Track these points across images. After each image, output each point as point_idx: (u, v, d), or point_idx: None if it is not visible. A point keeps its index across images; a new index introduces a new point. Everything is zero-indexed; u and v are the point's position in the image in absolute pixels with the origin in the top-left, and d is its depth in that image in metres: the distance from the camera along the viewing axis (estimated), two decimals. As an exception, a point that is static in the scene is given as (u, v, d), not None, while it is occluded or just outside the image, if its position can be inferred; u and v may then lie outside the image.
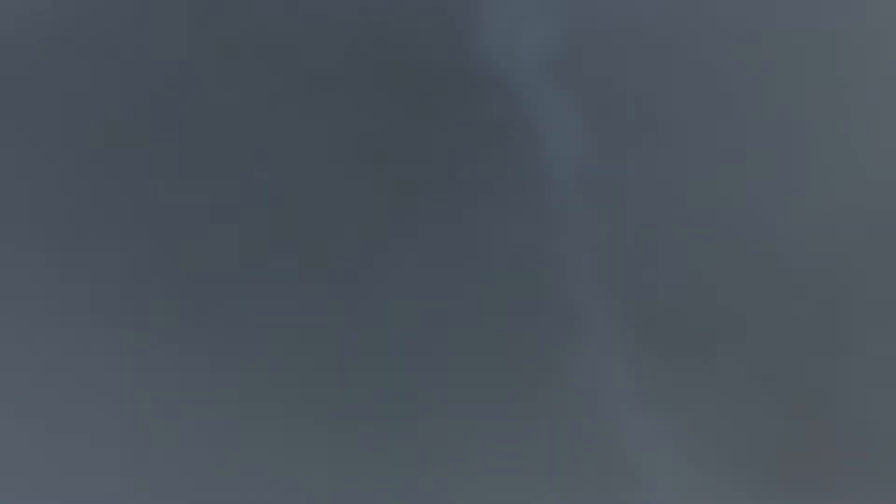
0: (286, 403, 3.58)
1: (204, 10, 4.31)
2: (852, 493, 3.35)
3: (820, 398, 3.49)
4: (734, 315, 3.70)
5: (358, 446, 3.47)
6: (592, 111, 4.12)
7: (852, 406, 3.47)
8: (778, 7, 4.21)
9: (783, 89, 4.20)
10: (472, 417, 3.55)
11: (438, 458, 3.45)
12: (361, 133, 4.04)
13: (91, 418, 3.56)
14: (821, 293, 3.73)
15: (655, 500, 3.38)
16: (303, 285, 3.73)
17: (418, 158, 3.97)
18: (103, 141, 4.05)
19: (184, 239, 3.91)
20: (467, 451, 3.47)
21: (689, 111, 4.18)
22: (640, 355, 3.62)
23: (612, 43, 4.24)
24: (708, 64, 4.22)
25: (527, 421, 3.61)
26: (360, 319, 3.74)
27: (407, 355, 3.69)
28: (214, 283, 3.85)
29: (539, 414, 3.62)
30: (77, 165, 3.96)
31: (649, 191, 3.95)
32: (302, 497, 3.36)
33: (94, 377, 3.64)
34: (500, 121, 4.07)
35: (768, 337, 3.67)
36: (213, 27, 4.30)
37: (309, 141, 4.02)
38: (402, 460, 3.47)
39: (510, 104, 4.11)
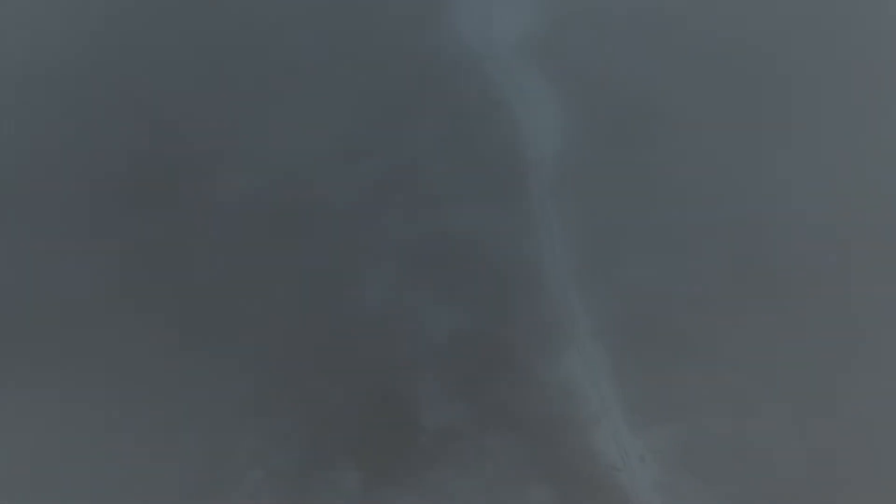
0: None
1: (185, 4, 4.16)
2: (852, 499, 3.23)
3: (818, 402, 3.36)
4: (719, 317, 3.56)
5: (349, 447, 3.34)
6: (571, 97, 3.97)
7: (853, 410, 3.35)
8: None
9: (776, 79, 4.04)
10: (452, 423, 3.42)
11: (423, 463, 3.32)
12: (336, 127, 3.89)
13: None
14: (813, 295, 3.61)
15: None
16: (286, 287, 3.60)
17: (393, 151, 3.81)
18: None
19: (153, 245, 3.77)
20: (449, 458, 3.35)
21: (676, 96, 4.03)
22: (620, 360, 3.49)
23: (592, 27, 4.09)
24: (695, 48, 4.07)
25: (505, 424, 3.47)
26: (333, 319, 3.59)
27: (383, 354, 3.55)
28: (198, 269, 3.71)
29: (519, 418, 3.48)
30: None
31: (632, 183, 3.80)
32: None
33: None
34: (476, 108, 3.92)
35: (758, 340, 3.53)
36: (187, 20, 4.15)
37: (286, 136, 3.87)
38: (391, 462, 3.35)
39: (486, 91, 3.96)
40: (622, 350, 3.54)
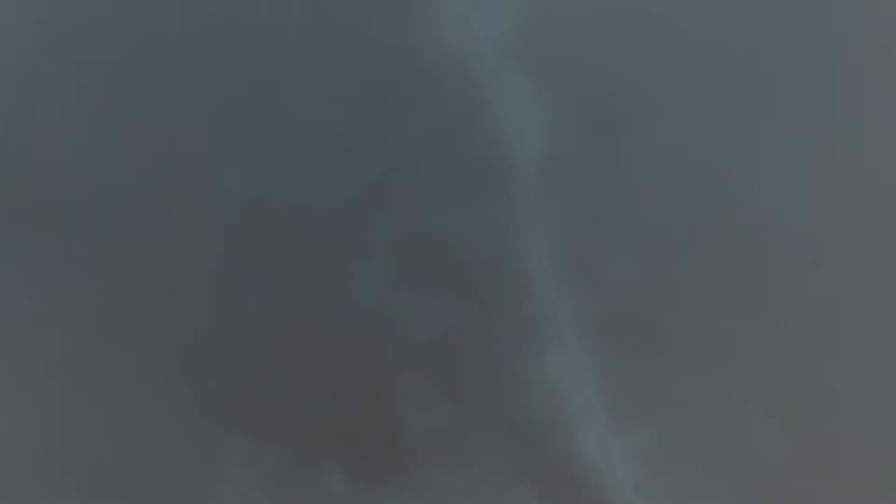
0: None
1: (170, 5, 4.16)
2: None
3: (806, 401, 3.38)
4: (705, 316, 3.58)
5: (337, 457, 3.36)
6: (556, 97, 3.98)
7: (842, 407, 3.37)
8: None
9: (761, 79, 4.05)
10: (438, 423, 3.43)
11: (411, 469, 3.34)
12: (322, 128, 3.89)
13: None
14: (799, 294, 3.62)
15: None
16: (273, 287, 3.60)
17: (379, 152, 3.82)
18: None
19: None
20: (434, 462, 3.36)
21: (661, 97, 4.04)
22: (605, 359, 3.50)
23: (577, 27, 4.10)
24: (680, 48, 4.08)
25: (490, 424, 3.48)
26: (327, 320, 3.60)
27: (373, 356, 3.56)
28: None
29: (504, 418, 3.49)
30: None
31: (616, 183, 3.81)
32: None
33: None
34: (459, 108, 3.92)
35: (745, 340, 3.55)
36: (175, 20, 4.15)
37: (275, 135, 3.87)
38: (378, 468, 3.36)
39: (469, 90, 3.97)
40: (607, 350, 3.55)
